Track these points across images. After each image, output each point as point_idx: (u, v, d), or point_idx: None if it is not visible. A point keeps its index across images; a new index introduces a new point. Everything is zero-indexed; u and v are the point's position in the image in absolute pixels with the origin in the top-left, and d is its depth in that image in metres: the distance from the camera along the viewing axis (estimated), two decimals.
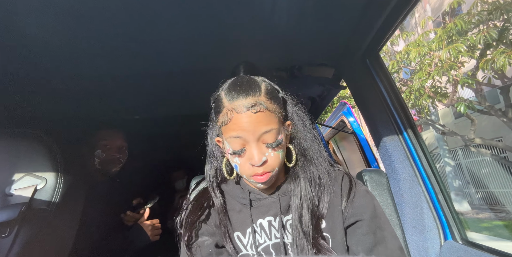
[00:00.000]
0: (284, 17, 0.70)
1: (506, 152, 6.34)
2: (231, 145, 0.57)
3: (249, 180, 0.59)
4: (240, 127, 0.55)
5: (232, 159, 0.59)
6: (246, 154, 0.57)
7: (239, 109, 0.55)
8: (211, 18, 0.67)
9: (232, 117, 0.56)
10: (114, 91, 1.08)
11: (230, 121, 0.56)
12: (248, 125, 0.55)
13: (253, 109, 0.55)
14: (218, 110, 0.59)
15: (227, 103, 0.57)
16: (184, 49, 0.81)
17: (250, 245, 0.60)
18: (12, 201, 0.63)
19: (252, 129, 0.55)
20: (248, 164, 0.57)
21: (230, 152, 0.58)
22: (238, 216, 0.64)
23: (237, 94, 0.57)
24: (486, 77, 4.20)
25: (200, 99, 1.27)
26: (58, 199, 0.66)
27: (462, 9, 5.49)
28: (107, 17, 0.63)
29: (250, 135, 0.55)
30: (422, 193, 0.79)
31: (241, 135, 0.55)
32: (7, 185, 0.65)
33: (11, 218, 0.59)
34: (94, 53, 0.78)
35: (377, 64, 0.92)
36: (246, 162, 0.57)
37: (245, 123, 0.55)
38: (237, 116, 0.55)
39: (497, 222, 5.73)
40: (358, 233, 0.59)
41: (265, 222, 0.61)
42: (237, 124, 0.55)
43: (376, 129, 0.91)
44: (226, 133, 0.57)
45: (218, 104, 0.59)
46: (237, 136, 0.56)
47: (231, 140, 0.57)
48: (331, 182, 0.63)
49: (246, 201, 0.63)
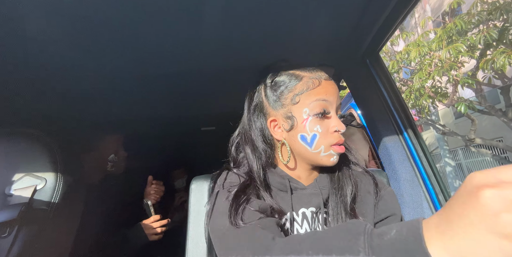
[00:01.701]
0: (284, 17, 0.70)
1: (507, 152, 6.33)
2: (316, 109, 0.57)
3: (324, 152, 0.58)
4: (329, 92, 0.58)
5: (311, 127, 0.57)
6: (330, 121, 0.58)
7: (326, 77, 0.60)
8: (210, 19, 0.67)
9: (320, 83, 0.59)
10: (115, 92, 1.08)
11: (318, 85, 0.59)
12: (334, 92, 0.59)
13: (333, 80, 0.61)
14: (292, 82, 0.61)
15: (306, 74, 0.61)
16: (184, 50, 0.81)
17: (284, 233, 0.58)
18: (12, 201, 0.63)
19: (336, 96, 0.59)
20: (330, 132, 0.58)
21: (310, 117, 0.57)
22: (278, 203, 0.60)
23: (314, 68, 0.61)
24: (486, 77, 4.21)
25: (200, 99, 1.28)
26: (57, 199, 0.66)
27: (462, 9, 5.50)
28: (107, 17, 0.63)
29: (335, 101, 0.59)
30: (422, 193, 0.79)
31: (329, 98, 0.58)
32: (7, 185, 0.65)
33: (11, 218, 0.59)
34: (95, 53, 0.78)
35: (377, 64, 0.92)
36: (327, 130, 0.58)
37: (332, 89, 0.59)
38: (325, 82, 0.59)
39: None
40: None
41: (308, 212, 0.61)
42: (326, 88, 0.58)
43: (376, 129, 0.91)
44: (310, 98, 0.58)
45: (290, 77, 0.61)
46: (325, 99, 0.58)
47: (318, 103, 0.58)
48: (364, 177, 0.66)
49: (285, 188, 0.61)
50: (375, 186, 0.65)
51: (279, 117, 0.61)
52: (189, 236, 0.76)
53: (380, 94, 0.91)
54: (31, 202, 0.63)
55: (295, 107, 0.59)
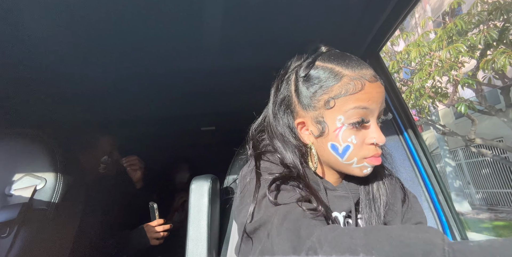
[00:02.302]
0: (284, 17, 0.70)
1: (507, 152, 6.33)
2: (352, 118, 0.48)
3: (357, 164, 0.51)
4: (372, 97, 0.48)
5: (345, 137, 0.49)
6: (368, 131, 0.50)
7: (371, 78, 0.49)
8: (210, 19, 0.67)
9: (364, 86, 0.48)
10: (115, 91, 1.08)
11: (359, 90, 0.48)
12: (380, 96, 0.49)
13: (381, 81, 0.50)
14: (329, 81, 0.50)
15: (348, 72, 0.49)
16: (184, 50, 0.81)
17: None
18: (11, 201, 0.63)
19: (381, 101, 0.50)
20: (366, 144, 0.50)
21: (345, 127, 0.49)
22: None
23: (359, 63, 0.50)
24: (487, 78, 4.21)
25: (200, 99, 1.28)
26: (57, 199, 0.66)
27: (462, 9, 5.50)
28: (107, 18, 0.63)
29: (377, 108, 0.49)
30: (422, 193, 0.79)
31: (370, 106, 0.48)
32: (6, 185, 0.65)
33: (10, 218, 0.59)
34: (95, 53, 0.78)
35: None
36: (363, 141, 0.50)
37: (377, 94, 0.49)
38: (370, 85, 0.48)
39: (497, 222, 5.72)
40: None
41: (341, 216, 0.55)
42: (369, 94, 0.48)
43: None
44: (347, 104, 0.49)
45: (328, 74, 0.50)
46: (365, 107, 0.48)
47: (356, 112, 0.48)
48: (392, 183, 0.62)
49: (318, 187, 0.54)
50: (404, 194, 0.62)
51: (308, 120, 0.53)
52: (189, 236, 0.76)
53: None
54: (31, 202, 0.63)
55: (328, 112, 0.50)
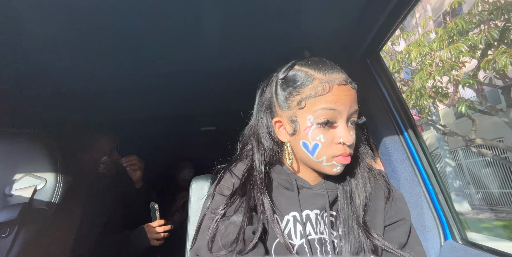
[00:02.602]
0: (283, 17, 0.70)
1: (507, 152, 6.32)
2: (320, 118, 0.53)
3: (326, 162, 0.55)
4: (339, 99, 0.52)
5: (314, 136, 0.53)
6: (336, 131, 0.53)
7: (339, 81, 0.53)
8: (210, 18, 0.67)
9: (331, 88, 0.52)
10: (115, 92, 1.08)
11: (327, 92, 0.52)
12: (347, 99, 0.53)
13: (351, 85, 0.54)
14: (302, 83, 0.55)
15: (319, 75, 0.54)
16: (184, 50, 0.81)
17: (288, 233, 0.57)
18: (12, 201, 0.63)
19: (349, 104, 0.53)
20: (335, 143, 0.53)
21: (313, 126, 0.53)
22: (281, 200, 0.59)
23: (331, 67, 0.55)
24: (487, 77, 4.19)
25: (200, 99, 1.28)
26: (58, 199, 0.66)
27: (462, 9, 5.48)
28: (107, 18, 0.63)
29: (346, 110, 0.53)
30: (422, 193, 0.79)
31: (338, 107, 0.52)
32: (7, 185, 0.65)
33: (11, 218, 0.59)
34: (95, 54, 0.78)
35: (378, 64, 0.92)
36: (332, 141, 0.53)
37: (344, 96, 0.53)
38: (337, 87, 0.53)
39: (497, 222, 5.72)
40: (397, 231, 0.61)
41: (313, 214, 0.58)
42: (336, 96, 0.52)
43: (377, 129, 0.91)
44: (316, 105, 0.53)
45: (302, 77, 0.55)
46: (332, 108, 0.52)
47: (324, 112, 0.52)
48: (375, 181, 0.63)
49: (290, 186, 0.59)
50: (388, 191, 0.63)
51: (284, 119, 0.58)
52: (189, 236, 0.76)
53: (380, 94, 0.91)
54: (31, 202, 0.63)
55: (300, 112, 0.55)
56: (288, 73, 0.58)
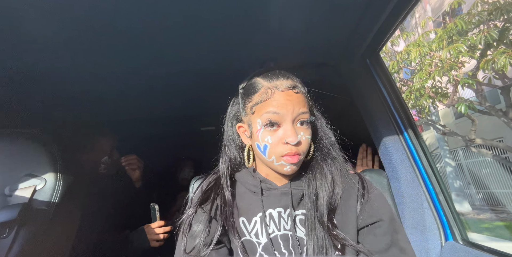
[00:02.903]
0: (284, 17, 0.70)
1: (507, 152, 6.32)
2: (266, 121, 0.58)
3: (276, 162, 0.59)
4: (281, 104, 0.57)
5: (263, 137, 0.59)
6: (280, 132, 0.58)
7: (281, 87, 0.58)
8: (210, 19, 0.67)
9: (273, 94, 0.58)
10: (115, 92, 1.08)
11: (270, 98, 0.58)
12: (289, 103, 0.57)
13: (294, 89, 0.58)
14: (252, 91, 0.61)
15: (265, 83, 0.60)
16: (184, 50, 0.81)
17: (255, 233, 0.61)
18: (11, 201, 0.63)
19: (292, 107, 0.57)
20: (281, 143, 0.58)
21: (262, 129, 0.58)
22: (247, 202, 0.64)
23: (277, 76, 0.60)
24: (487, 78, 4.20)
25: (200, 99, 1.28)
26: (57, 199, 0.66)
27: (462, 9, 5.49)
28: (107, 18, 0.63)
29: (288, 113, 0.57)
30: (422, 194, 0.79)
31: (280, 111, 0.57)
32: (7, 185, 0.65)
33: (10, 218, 0.59)
34: (95, 54, 0.78)
35: (378, 64, 0.92)
36: (279, 141, 0.58)
37: (285, 101, 0.57)
38: (278, 93, 0.58)
39: (498, 222, 5.72)
40: (377, 233, 0.60)
41: (275, 212, 0.62)
42: (277, 101, 0.57)
43: (377, 129, 0.91)
44: (262, 109, 0.58)
45: (253, 86, 0.61)
46: (275, 112, 0.57)
47: (268, 116, 0.57)
48: (347, 182, 0.64)
49: (257, 189, 0.63)
50: (362, 189, 0.63)
51: (245, 124, 0.65)
52: None
53: (380, 94, 0.91)
54: (31, 202, 0.63)
55: (253, 117, 0.61)
56: (246, 84, 0.64)
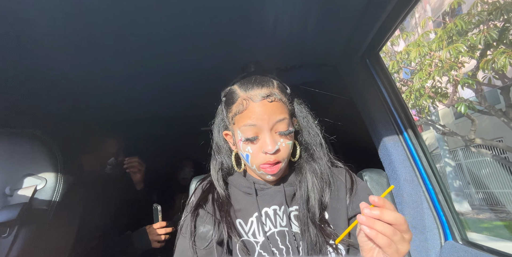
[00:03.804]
0: (284, 17, 0.70)
1: (507, 152, 6.33)
2: (244, 133, 0.59)
3: (258, 171, 0.61)
4: (256, 115, 0.57)
5: (244, 148, 0.60)
6: (259, 142, 0.59)
7: (255, 98, 0.58)
8: (210, 18, 0.67)
9: (248, 106, 0.58)
10: (115, 91, 1.08)
11: (245, 109, 0.58)
12: (264, 113, 0.57)
13: (268, 99, 0.58)
14: (231, 101, 0.62)
15: (242, 94, 0.60)
16: (184, 49, 0.81)
17: (252, 233, 0.62)
18: (12, 201, 0.63)
19: (267, 117, 0.57)
20: (261, 153, 0.58)
21: (243, 140, 0.59)
22: (242, 205, 0.65)
23: (252, 85, 0.59)
24: (487, 78, 4.20)
25: (200, 99, 1.28)
26: (58, 199, 0.66)
27: (462, 10, 5.49)
28: (107, 18, 0.63)
29: (265, 123, 0.57)
30: (422, 193, 0.79)
31: (256, 123, 0.57)
32: (7, 185, 0.65)
33: (11, 218, 0.59)
34: (95, 53, 0.78)
35: (377, 64, 0.92)
36: (258, 151, 0.59)
37: (260, 112, 0.57)
38: (253, 104, 0.58)
39: (497, 222, 5.72)
40: None
41: (271, 210, 0.63)
42: (252, 112, 0.58)
43: (376, 129, 0.91)
44: (240, 122, 0.59)
45: (231, 96, 0.62)
46: (252, 124, 0.57)
47: (245, 128, 0.58)
48: (335, 177, 0.66)
49: (251, 191, 0.64)
50: (350, 183, 0.66)
51: (230, 133, 0.65)
52: None
53: (380, 94, 0.91)
54: (31, 202, 0.63)
55: (234, 127, 0.62)
56: (226, 92, 0.64)
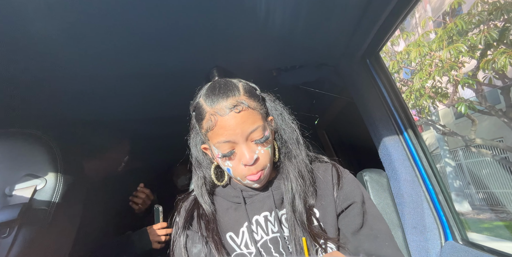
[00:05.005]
0: (284, 17, 0.70)
1: (507, 152, 6.32)
2: (220, 149, 0.57)
3: (243, 181, 0.60)
4: (227, 130, 0.55)
5: (223, 163, 0.59)
6: (237, 155, 0.57)
7: (222, 112, 0.55)
8: (210, 18, 0.67)
9: (216, 122, 0.55)
10: (115, 91, 1.08)
11: (215, 126, 0.55)
12: (235, 127, 0.54)
13: (235, 109, 0.55)
14: (200, 117, 0.59)
15: (208, 109, 0.56)
16: (184, 49, 0.81)
17: (245, 244, 0.60)
18: (12, 201, 0.63)
19: (240, 130, 0.55)
20: (241, 165, 0.57)
21: (220, 156, 0.58)
22: (232, 216, 0.63)
23: (217, 97, 0.56)
24: (487, 78, 4.20)
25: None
26: (58, 199, 0.66)
27: (462, 9, 5.49)
28: (106, 17, 0.63)
29: (238, 137, 0.55)
30: (422, 193, 0.79)
31: (229, 138, 0.55)
32: (7, 185, 0.65)
33: (11, 218, 0.59)
34: (95, 53, 0.78)
35: (378, 65, 0.92)
36: (238, 164, 0.57)
37: (231, 126, 0.54)
38: (221, 119, 0.55)
39: (497, 222, 5.72)
40: (350, 215, 0.61)
41: (261, 217, 0.61)
42: (223, 128, 0.55)
43: (377, 129, 0.91)
44: (214, 138, 0.57)
45: (199, 111, 0.59)
46: (225, 141, 0.55)
47: (220, 145, 0.56)
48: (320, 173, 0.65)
49: (239, 199, 0.63)
50: (336, 178, 0.64)
51: (207, 146, 0.63)
52: None
53: (380, 94, 0.91)
54: (31, 202, 0.63)
55: (209, 142, 0.60)
56: (194, 107, 0.61)
